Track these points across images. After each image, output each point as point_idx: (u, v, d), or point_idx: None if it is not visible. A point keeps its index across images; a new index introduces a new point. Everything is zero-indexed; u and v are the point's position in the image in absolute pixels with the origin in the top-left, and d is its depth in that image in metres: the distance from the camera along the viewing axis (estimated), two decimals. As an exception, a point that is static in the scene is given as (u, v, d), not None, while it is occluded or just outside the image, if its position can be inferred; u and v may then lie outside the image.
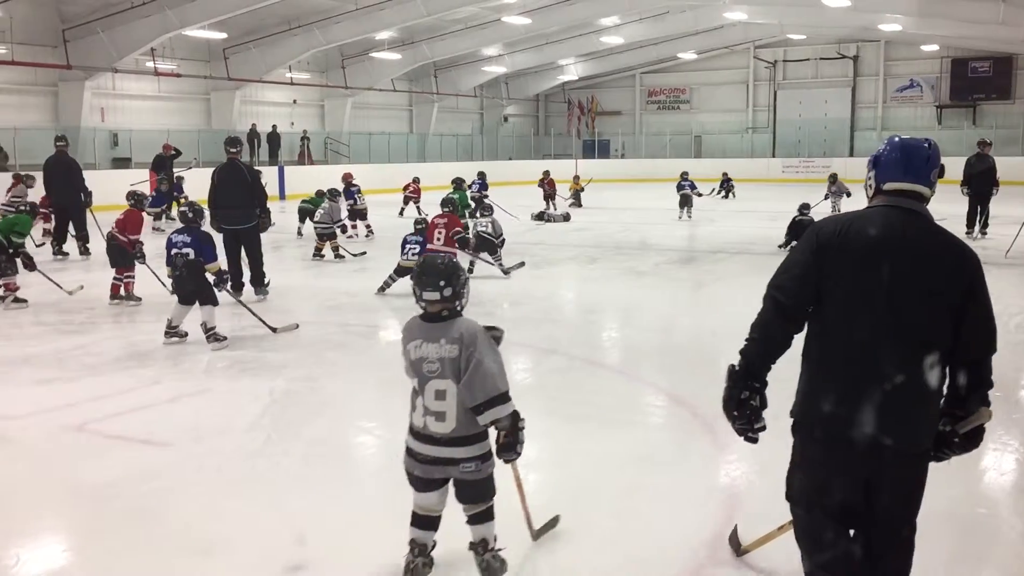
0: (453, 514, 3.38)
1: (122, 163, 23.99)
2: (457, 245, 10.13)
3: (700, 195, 20.54)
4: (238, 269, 9.42)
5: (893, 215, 2.69)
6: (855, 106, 38.42)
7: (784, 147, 38.48)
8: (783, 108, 39.70)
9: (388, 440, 5.21)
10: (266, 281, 9.62)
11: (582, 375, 6.66)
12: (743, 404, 2.80)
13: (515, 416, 3.25)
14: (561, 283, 11.47)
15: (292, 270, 11.85)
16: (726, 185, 26.31)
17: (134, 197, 9.77)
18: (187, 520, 3.99)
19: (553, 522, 3.83)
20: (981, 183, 14.37)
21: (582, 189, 22.88)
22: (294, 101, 31.31)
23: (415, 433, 3.27)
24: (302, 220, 15.22)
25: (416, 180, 20.71)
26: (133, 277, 9.32)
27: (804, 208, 13.26)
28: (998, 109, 35.01)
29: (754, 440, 2.85)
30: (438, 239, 10.09)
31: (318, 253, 12.52)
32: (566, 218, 19.09)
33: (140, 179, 20.32)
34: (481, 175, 20.11)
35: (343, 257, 12.48)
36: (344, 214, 14.33)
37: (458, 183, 15.08)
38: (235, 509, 4.10)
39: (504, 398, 3.19)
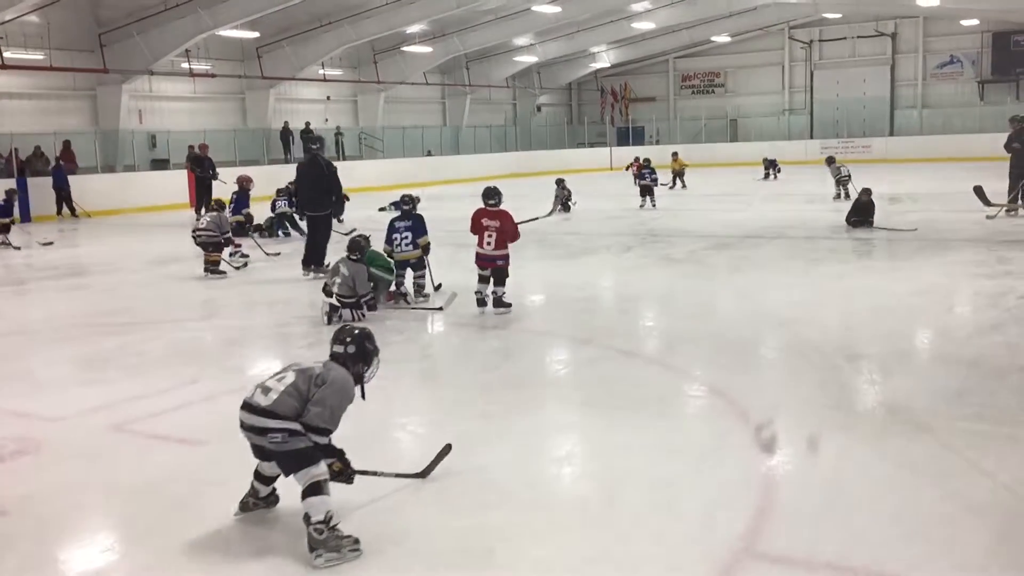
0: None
1: (160, 164, 24.28)
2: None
3: (661, 185, 20.22)
4: (317, 249, 10.77)
5: None
6: (894, 84, 37.73)
7: (822, 128, 37.91)
8: (820, 88, 39.14)
9: (422, 436, 5.22)
10: (327, 263, 10.37)
11: (617, 365, 6.60)
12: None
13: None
14: (596, 272, 11.40)
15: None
16: (771, 168, 26.51)
17: None
18: (225, 518, 4.01)
19: (444, 451, 4.41)
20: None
21: (682, 172, 23.32)
22: (327, 98, 31.47)
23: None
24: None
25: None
26: None
27: (865, 192, 14.16)
28: (1042, 83, 34.27)
29: None
30: (488, 243, 8.17)
31: (213, 266, 11.14)
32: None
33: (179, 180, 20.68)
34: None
35: (224, 273, 11.27)
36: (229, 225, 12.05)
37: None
38: (271, 507, 4.12)
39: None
